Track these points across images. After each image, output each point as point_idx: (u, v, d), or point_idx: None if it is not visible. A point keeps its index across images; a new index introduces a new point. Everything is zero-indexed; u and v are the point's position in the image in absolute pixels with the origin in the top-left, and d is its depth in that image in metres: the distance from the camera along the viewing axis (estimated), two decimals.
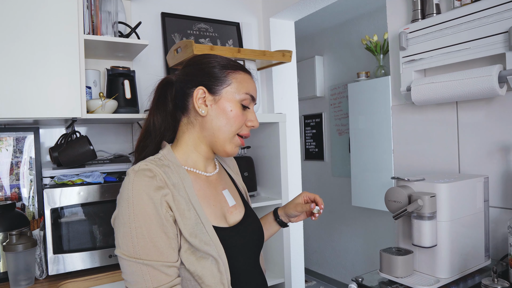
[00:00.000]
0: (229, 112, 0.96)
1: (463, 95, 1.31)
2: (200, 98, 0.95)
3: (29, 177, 1.76)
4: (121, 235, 0.84)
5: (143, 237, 0.82)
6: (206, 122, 0.96)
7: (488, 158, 1.34)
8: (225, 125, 0.96)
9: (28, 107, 1.47)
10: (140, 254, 0.82)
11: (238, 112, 0.97)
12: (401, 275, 1.12)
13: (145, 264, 0.82)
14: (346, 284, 3.59)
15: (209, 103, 0.96)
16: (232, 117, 0.96)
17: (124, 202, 0.85)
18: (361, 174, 3.13)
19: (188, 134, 0.99)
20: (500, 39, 1.22)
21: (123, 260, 0.83)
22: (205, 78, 0.96)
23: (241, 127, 0.98)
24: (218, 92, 0.96)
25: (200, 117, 0.96)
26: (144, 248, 0.82)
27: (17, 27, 1.45)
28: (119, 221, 0.85)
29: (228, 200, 1.03)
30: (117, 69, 1.86)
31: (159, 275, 0.82)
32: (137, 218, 0.83)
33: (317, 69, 3.78)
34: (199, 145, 0.99)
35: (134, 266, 0.82)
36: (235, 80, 0.97)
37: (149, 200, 0.84)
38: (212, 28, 2.24)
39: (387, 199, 1.18)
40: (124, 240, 0.83)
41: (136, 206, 0.83)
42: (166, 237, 0.84)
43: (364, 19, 3.33)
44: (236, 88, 0.97)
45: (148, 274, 0.82)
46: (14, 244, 1.39)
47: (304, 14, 2.33)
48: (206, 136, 0.98)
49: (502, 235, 1.29)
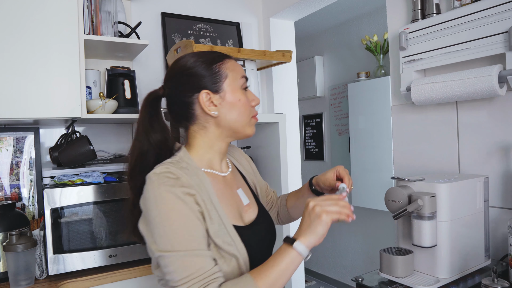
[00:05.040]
0: (238, 102, 0.97)
1: (463, 95, 1.31)
2: (207, 101, 0.95)
3: (29, 177, 1.76)
4: (157, 236, 0.84)
5: (179, 230, 0.83)
6: (220, 120, 0.96)
7: (488, 158, 1.34)
8: (239, 115, 0.97)
9: (28, 107, 1.47)
10: (180, 247, 0.83)
11: (245, 98, 0.99)
12: (401, 275, 1.12)
13: (187, 255, 0.83)
14: (346, 284, 3.59)
15: (217, 102, 0.95)
16: (242, 106, 0.97)
17: (152, 204, 0.85)
18: (361, 174, 3.13)
19: (201, 138, 0.99)
20: (500, 39, 1.22)
21: (165, 258, 0.83)
22: (201, 81, 0.95)
23: (250, 110, 1.00)
24: (221, 88, 0.96)
25: (213, 118, 0.96)
26: (182, 240, 0.83)
27: (17, 27, 1.45)
28: (151, 224, 0.85)
29: (243, 199, 1.04)
30: (117, 69, 1.86)
31: (201, 261, 0.83)
32: (168, 215, 0.84)
33: (317, 69, 3.78)
34: (215, 144, 1.00)
35: (177, 259, 0.82)
36: (228, 70, 0.98)
37: (176, 198, 0.85)
38: (212, 28, 2.24)
39: (387, 199, 1.18)
40: (161, 239, 0.84)
41: (165, 204, 0.84)
42: (201, 226, 0.86)
43: (364, 19, 3.33)
44: (233, 76, 0.98)
45: (192, 262, 0.82)
46: (14, 244, 1.39)
47: (304, 14, 2.33)
48: (223, 132, 0.98)
49: (502, 235, 1.29)
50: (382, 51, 3.00)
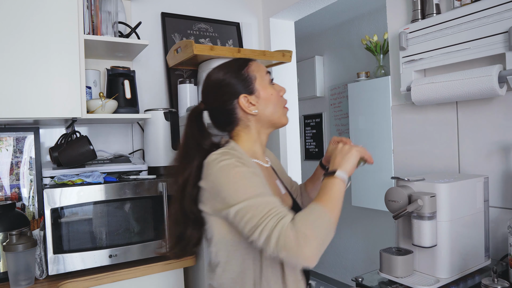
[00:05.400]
0: (271, 96, 1.09)
1: (463, 95, 1.31)
2: (246, 103, 1.07)
3: (29, 177, 1.76)
4: (230, 197, 0.92)
5: (247, 182, 0.93)
6: (260, 116, 1.09)
7: (488, 158, 1.34)
8: (274, 108, 1.10)
9: (28, 107, 1.47)
10: (252, 193, 0.91)
11: (275, 91, 1.11)
12: (401, 275, 1.12)
13: (260, 196, 0.90)
14: (346, 284, 3.59)
15: (254, 101, 1.08)
16: (275, 99, 1.10)
17: (217, 173, 0.94)
18: (361, 174, 3.13)
19: (245, 135, 1.10)
20: (500, 39, 1.22)
21: (242, 209, 0.90)
22: (236, 88, 1.07)
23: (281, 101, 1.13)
24: (254, 89, 1.08)
25: (253, 116, 1.08)
26: (253, 188, 0.92)
27: (18, 27, 1.45)
28: (221, 192, 0.93)
29: (281, 189, 1.15)
30: (117, 69, 1.86)
31: (273, 200, 0.91)
32: (235, 174, 0.93)
33: (317, 69, 3.78)
34: (259, 136, 1.11)
35: (252, 204, 0.89)
36: (254, 71, 1.10)
37: (239, 163, 0.95)
38: (212, 28, 2.24)
39: (387, 199, 1.18)
40: (235, 195, 0.91)
41: (230, 168, 0.94)
42: (265, 180, 0.96)
43: (364, 19, 3.33)
44: (260, 76, 1.10)
45: (265, 202, 0.90)
46: (14, 244, 1.39)
47: (304, 14, 2.33)
48: (264, 125, 1.11)
49: (502, 235, 1.29)
50: (382, 51, 3.00)
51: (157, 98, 2.08)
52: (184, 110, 1.93)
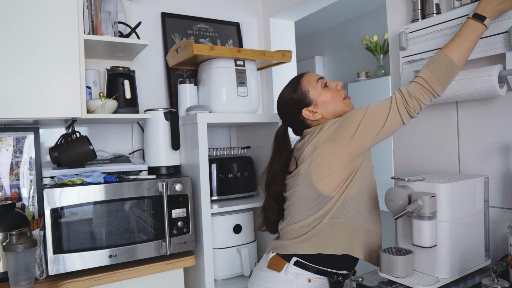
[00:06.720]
0: (326, 99, 1.34)
1: (463, 95, 1.31)
2: (309, 113, 1.34)
3: (29, 177, 1.76)
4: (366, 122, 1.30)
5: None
6: (325, 115, 1.34)
7: (488, 158, 1.34)
8: (334, 105, 1.34)
9: (28, 107, 1.47)
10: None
11: (330, 92, 1.35)
12: (401, 275, 1.12)
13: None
14: None
15: (315, 109, 1.34)
16: (330, 99, 1.34)
17: (341, 119, 1.26)
18: None
19: None
20: (500, 39, 1.22)
21: (372, 107, 1.32)
22: (298, 104, 1.35)
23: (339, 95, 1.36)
24: (310, 100, 1.34)
25: (320, 118, 1.34)
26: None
27: (17, 27, 1.45)
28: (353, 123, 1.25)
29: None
30: (117, 69, 1.86)
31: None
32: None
33: (317, 69, 3.78)
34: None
35: (384, 104, 1.32)
36: (306, 86, 1.35)
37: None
38: (212, 28, 2.24)
39: (387, 199, 1.18)
40: (358, 112, 1.26)
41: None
42: None
43: (364, 19, 3.33)
44: (312, 87, 1.35)
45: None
46: (14, 244, 1.39)
47: (304, 14, 2.33)
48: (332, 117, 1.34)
49: (502, 235, 1.29)
50: (382, 51, 3.01)
51: (157, 98, 2.08)
52: (184, 110, 1.93)
